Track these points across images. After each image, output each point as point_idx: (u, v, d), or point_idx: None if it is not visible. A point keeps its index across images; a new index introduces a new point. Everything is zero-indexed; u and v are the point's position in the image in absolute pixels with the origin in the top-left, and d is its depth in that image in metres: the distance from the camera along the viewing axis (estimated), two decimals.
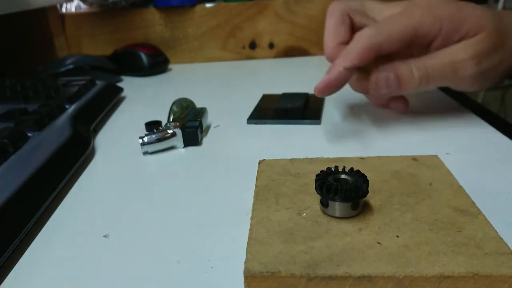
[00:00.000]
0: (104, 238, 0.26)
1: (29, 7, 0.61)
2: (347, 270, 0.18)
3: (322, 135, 0.39)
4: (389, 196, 0.24)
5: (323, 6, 0.72)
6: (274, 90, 0.53)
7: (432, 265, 0.18)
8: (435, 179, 0.26)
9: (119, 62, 0.68)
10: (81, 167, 0.36)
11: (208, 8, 0.73)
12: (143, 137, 0.37)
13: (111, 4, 0.72)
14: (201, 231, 0.26)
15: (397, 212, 0.23)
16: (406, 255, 0.19)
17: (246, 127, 0.43)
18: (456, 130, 0.38)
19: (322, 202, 0.23)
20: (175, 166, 0.36)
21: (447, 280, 0.18)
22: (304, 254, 0.20)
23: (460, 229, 0.21)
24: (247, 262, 0.19)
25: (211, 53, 0.75)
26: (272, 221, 0.22)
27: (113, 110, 0.52)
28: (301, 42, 0.74)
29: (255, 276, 0.19)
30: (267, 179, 0.27)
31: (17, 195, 0.27)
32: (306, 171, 0.27)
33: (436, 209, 0.23)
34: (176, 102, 0.44)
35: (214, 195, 0.30)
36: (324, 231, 0.21)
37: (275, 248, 0.20)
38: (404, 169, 0.27)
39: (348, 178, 0.23)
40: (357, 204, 0.22)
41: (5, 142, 0.32)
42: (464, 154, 0.34)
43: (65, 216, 0.29)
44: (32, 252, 0.26)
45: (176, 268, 0.23)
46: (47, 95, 0.46)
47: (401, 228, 0.21)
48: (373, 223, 0.22)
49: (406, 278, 0.18)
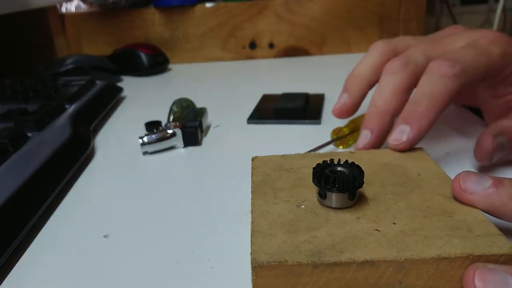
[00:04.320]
0: (104, 238, 0.26)
1: (29, 7, 0.61)
2: (350, 256, 0.19)
3: (322, 135, 0.39)
4: (382, 186, 0.25)
5: (323, 6, 0.72)
6: (274, 90, 0.53)
7: (429, 248, 0.20)
8: (423, 169, 0.27)
9: (119, 62, 0.68)
10: (81, 167, 0.36)
11: (208, 8, 0.73)
12: (143, 137, 0.37)
13: (111, 4, 0.72)
14: (201, 231, 0.26)
15: (391, 201, 0.24)
16: (404, 240, 0.20)
17: (246, 127, 0.43)
18: (456, 130, 0.38)
19: (320, 194, 0.24)
20: (175, 166, 0.36)
21: (444, 261, 0.19)
22: (308, 243, 0.20)
23: (451, 214, 0.22)
24: (253, 253, 0.20)
25: (211, 53, 0.75)
26: (273, 213, 0.23)
27: (113, 110, 0.52)
28: (301, 42, 0.74)
29: (263, 266, 0.19)
30: (262, 174, 0.28)
31: (17, 195, 0.27)
32: (299, 166, 0.28)
33: (427, 197, 0.24)
34: (176, 102, 0.44)
35: (214, 195, 0.30)
36: (324, 221, 0.22)
37: (278, 239, 0.21)
38: (393, 161, 0.28)
39: (344, 170, 0.24)
40: (354, 195, 0.23)
41: (5, 142, 0.32)
42: (464, 154, 0.34)
43: (65, 216, 0.29)
44: (32, 252, 0.26)
45: (176, 268, 0.23)
46: (47, 95, 0.46)
47: (397, 216, 0.22)
48: (370, 212, 0.23)
49: (406, 261, 0.19)
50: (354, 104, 0.35)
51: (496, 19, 0.78)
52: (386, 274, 0.19)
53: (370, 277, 0.19)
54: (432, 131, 0.38)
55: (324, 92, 0.51)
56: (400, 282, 0.19)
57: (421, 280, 0.19)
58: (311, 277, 0.19)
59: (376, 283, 0.19)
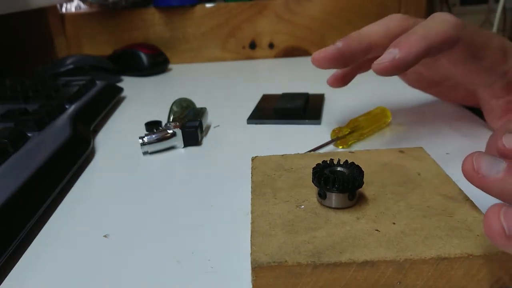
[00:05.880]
0: (104, 238, 0.26)
1: (29, 7, 0.61)
2: (350, 256, 0.19)
3: (322, 135, 0.39)
4: (381, 186, 0.25)
5: (323, 6, 0.72)
6: (274, 90, 0.53)
7: (429, 248, 0.20)
8: (423, 169, 0.27)
9: (119, 62, 0.68)
10: (81, 167, 0.36)
11: (208, 8, 0.73)
12: (143, 137, 0.37)
13: (111, 4, 0.72)
14: (201, 231, 0.26)
15: (391, 201, 0.24)
16: (404, 240, 0.20)
17: (246, 127, 0.43)
18: (456, 130, 0.38)
19: (320, 194, 0.24)
20: (175, 166, 0.36)
21: (444, 261, 0.19)
22: (307, 244, 0.20)
23: (451, 214, 0.22)
24: (253, 254, 0.20)
25: (211, 53, 0.75)
26: (272, 214, 0.23)
27: (113, 110, 0.52)
28: (301, 42, 0.74)
29: (263, 266, 0.19)
30: (262, 174, 0.28)
31: (17, 195, 0.27)
32: (299, 166, 0.28)
33: (427, 197, 0.24)
34: (176, 102, 0.44)
35: (214, 195, 0.30)
36: (324, 221, 0.22)
37: (278, 239, 0.21)
38: (393, 161, 0.28)
39: (343, 170, 0.24)
40: (354, 195, 0.23)
41: (5, 142, 0.32)
42: (464, 154, 0.33)
43: (65, 216, 0.29)
44: (32, 252, 0.26)
45: (176, 268, 0.23)
46: (47, 95, 0.46)
47: (397, 216, 0.22)
48: (370, 212, 0.23)
49: (406, 261, 0.19)
50: (345, 54, 0.31)
51: (496, 19, 0.78)
52: (386, 274, 0.19)
53: (370, 278, 0.19)
54: (432, 131, 0.38)
55: (324, 92, 0.51)
56: (400, 282, 0.19)
57: (421, 280, 0.19)
58: (311, 278, 0.19)
59: (376, 283, 0.19)
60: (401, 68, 0.28)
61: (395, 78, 0.40)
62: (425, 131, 0.38)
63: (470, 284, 0.20)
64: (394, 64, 0.28)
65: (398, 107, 0.44)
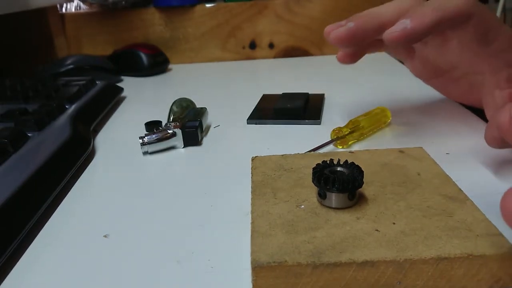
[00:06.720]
0: (104, 238, 0.26)
1: (29, 7, 0.61)
2: (350, 256, 0.19)
3: (322, 135, 0.39)
4: (381, 186, 0.25)
5: (323, 6, 0.72)
6: (274, 90, 0.53)
7: (429, 248, 0.20)
8: (423, 169, 0.27)
9: (119, 62, 0.68)
10: (81, 167, 0.36)
11: (208, 8, 0.73)
12: (143, 137, 0.37)
13: (111, 4, 0.72)
14: (201, 231, 0.26)
15: (391, 201, 0.24)
16: (404, 240, 0.20)
17: (246, 127, 0.43)
18: (456, 130, 0.38)
19: (319, 194, 0.24)
20: (175, 166, 0.36)
21: (444, 261, 0.19)
22: (307, 244, 0.20)
23: (451, 214, 0.22)
24: (253, 254, 0.20)
25: (211, 53, 0.75)
26: (272, 214, 0.23)
27: (113, 110, 0.52)
28: (301, 42, 0.74)
29: (263, 266, 0.19)
30: (262, 174, 0.28)
31: (17, 195, 0.27)
32: (299, 166, 0.28)
33: (427, 197, 0.24)
34: (176, 102, 0.44)
35: (214, 195, 0.30)
36: (324, 221, 0.22)
37: (278, 239, 0.21)
38: (392, 161, 0.28)
39: (343, 170, 0.24)
40: (354, 195, 0.23)
41: (5, 142, 0.32)
42: (464, 154, 0.34)
43: (65, 216, 0.29)
44: (32, 252, 0.26)
45: (176, 268, 0.23)
46: (47, 95, 0.46)
47: (396, 216, 0.22)
48: (369, 212, 0.23)
49: (406, 261, 0.19)
50: (357, 34, 0.31)
51: None
52: (386, 274, 0.19)
53: (370, 278, 0.19)
54: (432, 131, 0.38)
55: (324, 92, 0.51)
56: (400, 282, 0.19)
57: (421, 280, 0.19)
58: (311, 278, 0.19)
59: (376, 283, 0.19)
60: (412, 38, 0.28)
61: (395, 78, 0.40)
62: (425, 131, 0.38)
63: (470, 284, 0.20)
64: (405, 34, 0.27)
65: (398, 107, 0.44)
